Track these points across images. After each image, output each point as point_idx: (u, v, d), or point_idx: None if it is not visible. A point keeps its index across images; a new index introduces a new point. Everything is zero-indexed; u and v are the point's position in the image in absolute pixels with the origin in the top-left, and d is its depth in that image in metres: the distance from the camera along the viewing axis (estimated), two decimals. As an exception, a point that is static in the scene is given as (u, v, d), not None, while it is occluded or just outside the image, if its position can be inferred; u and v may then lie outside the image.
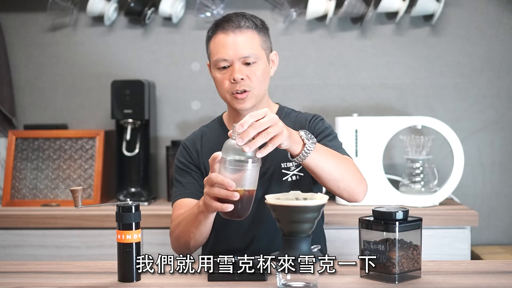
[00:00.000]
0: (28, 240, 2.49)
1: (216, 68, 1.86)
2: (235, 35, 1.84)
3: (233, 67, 1.83)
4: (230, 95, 1.85)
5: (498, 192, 2.90)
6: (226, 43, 1.84)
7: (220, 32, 1.86)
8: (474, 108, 2.89)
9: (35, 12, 2.95)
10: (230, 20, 1.87)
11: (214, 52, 1.87)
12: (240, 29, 1.85)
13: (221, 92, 1.88)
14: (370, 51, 2.90)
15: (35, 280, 1.54)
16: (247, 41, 1.84)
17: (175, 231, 1.85)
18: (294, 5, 2.88)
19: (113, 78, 2.82)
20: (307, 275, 1.40)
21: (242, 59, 1.83)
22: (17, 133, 2.80)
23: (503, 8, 2.87)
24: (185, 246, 1.84)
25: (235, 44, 1.83)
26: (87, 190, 2.72)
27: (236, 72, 1.82)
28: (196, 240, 1.81)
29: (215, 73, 1.87)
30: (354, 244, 2.35)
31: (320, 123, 1.93)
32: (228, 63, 1.84)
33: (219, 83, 1.86)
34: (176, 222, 1.85)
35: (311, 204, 1.38)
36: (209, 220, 1.72)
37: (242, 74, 1.82)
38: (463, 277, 1.52)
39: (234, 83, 1.83)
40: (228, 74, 1.84)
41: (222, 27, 1.86)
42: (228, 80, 1.84)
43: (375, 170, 2.59)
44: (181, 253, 1.89)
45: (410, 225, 1.47)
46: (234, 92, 1.84)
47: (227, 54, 1.83)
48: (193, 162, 1.94)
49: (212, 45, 1.88)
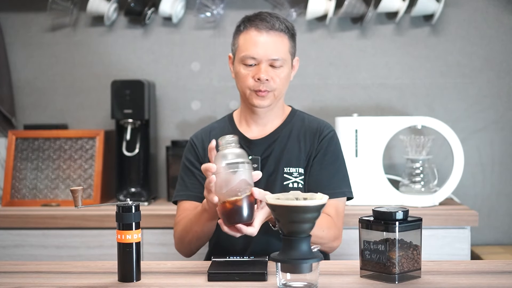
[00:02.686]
0: (28, 240, 2.49)
1: (242, 63, 1.87)
2: (268, 35, 1.85)
3: (260, 66, 1.84)
4: (250, 91, 1.86)
5: (498, 192, 2.90)
6: (258, 42, 1.84)
7: (253, 29, 1.86)
8: (474, 108, 2.89)
9: (35, 12, 2.95)
10: (265, 19, 1.86)
11: (243, 47, 1.86)
12: (274, 30, 1.86)
13: (241, 87, 1.89)
14: (370, 51, 2.90)
15: (35, 280, 1.54)
16: (277, 44, 1.85)
17: (179, 231, 1.86)
18: (294, 5, 2.88)
19: (113, 78, 2.82)
20: (307, 275, 1.40)
21: (270, 61, 1.85)
22: (17, 133, 2.80)
23: (503, 8, 2.87)
24: (188, 246, 1.85)
25: (266, 45, 1.84)
26: (87, 190, 2.72)
27: (262, 73, 1.83)
28: (199, 239, 1.81)
29: (239, 68, 1.87)
30: (354, 244, 2.35)
31: (333, 144, 1.93)
32: (255, 61, 1.85)
33: (241, 78, 1.86)
34: (181, 223, 1.86)
35: (311, 204, 1.38)
36: (213, 220, 1.73)
37: (267, 76, 1.84)
38: (463, 277, 1.52)
39: (257, 82, 1.84)
40: (253, 72, 1.85)
41: (256, 25, 1.86)
42: (252, 78, 1.85)
43: (375, 170, 2.59)
44: (184, 253, 1.89)
45: (410, 225, 1.47)
46: (256, 89, 1.85)
47: (257, 53, 1.84)
48: (199, 160, 1.94)
49: (241, 39, 1.88)
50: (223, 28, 2.92)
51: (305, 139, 1.92)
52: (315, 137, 1.92)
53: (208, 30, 2.93)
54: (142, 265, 1.56)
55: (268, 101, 1.87)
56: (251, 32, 1.86)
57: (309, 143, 1.91)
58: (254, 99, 1.87)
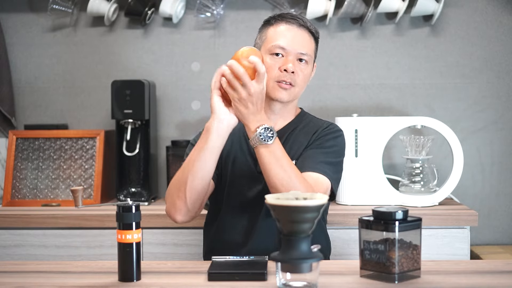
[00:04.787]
0: (28, 240, 2.49)
1: (269, 54, 1.88)
2: (298, 30, 1.89)
3: (287, 58, 1.87)
4: (274, 82, 1.87)
5: (498, 192, 2.90)
6: (288, 34, 1.88)
7: (284, 23, 1.90)
8: (473, 108, 2.90)
9: (36, 13, 2.95)
10: (296, 17, 1.91)
11: (272, 38, 1.89)
12: (304, 28, 1.90)
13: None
14: (370, 51, 2.91)
15: (35, 280, 1.55)
16: (306, 40, 1.90)
17: (172, 180, 1.79)
18: (294, 5, 2.88)
19: (113, 78, 2.83)
20: (307, 275, 1.40)
21: (298, 54, 1.88)
22: (18, 133, 2.80)
23: (503, 8, 2.87)
24: (184, 182, 1.74)
25: (296, 37, 1.88)
26: (88, 190, 2.72)
27: (289, 63, 1.86)
28: (196, 173, 1.72)
29: (265, 58, 1.87)
30: (354, 244, 2.36)
31: (329, 136, 1.91)
32: (284, 52, 1.87)
33: (267, 68, 1.85)
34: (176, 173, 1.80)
35: (311, 204, 1.38)
36: (212, 143, 1.70)
37: (294, 68, 1.86)
38: (462, 277, 1.52)
39: (283, 73, 1.86)
40: (279, 62, 1.87)
41: (287, 20, 1.90)
42: (277, 69, 1.86)
43: (375, 170, 2.59)
44: (178, 210, 1.77)
45: (409, 225, 1.48)
46: (280, 80, 1.86)
47: (287, 43, 1.87)
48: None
49: (271, 31, 1.91)
50: (223, 28, 2.93)
51: (307, 135, 1.93)
52: (316, 132, 1.92)
53: (208, 30, 2.93)
54: (142, 265, 1.56)
55: (288, 96, 1.89)
56: (282, 25, 1.90)
57: (309, 137, 1.92)
58: (277, 92, 1.87)
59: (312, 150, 1.88)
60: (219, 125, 1.71)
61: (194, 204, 1.76)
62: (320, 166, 1.82)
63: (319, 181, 1.80)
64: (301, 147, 1.90)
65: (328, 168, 1.83)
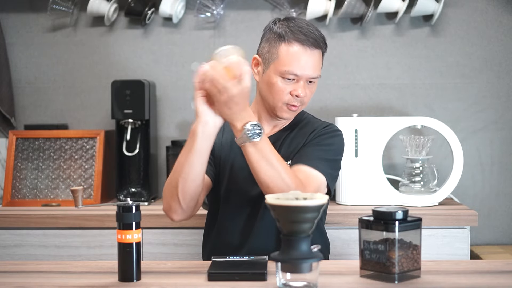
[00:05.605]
0: (28, 240, 2.49)
1: (281, 77, 1.85)
2: (311, 53, 1.85)
3: (299, 83, 1.85)
4: (283, 104, 1.87)
5: (498, 192, 2.90)
6: (301, 60, 1.84)
7: (297, 43, 1.84)
8: (473, 108, 2.90)
9: (36, 12, 2.95)
10: (306, 34, 1.85)
11: (285, 61, 1.84)
12: (316, 48, 1.86)
13: (274, 99, 1.87)
14: (370, 51, 2.91)
15: (35, 280, 1.55)
16: (317, 62, 1.87)
17: (167, 181, 1.79)
18: (294, 5, 2.88)
19: (113, 78, 2.83)
20: (307, 275, 1.40)
21: (309, 79, 1.87)
22: (18, 133, 2.81)
23: (503, 8, 2.87)
24: (175, 186, 1.74)
25: (308, 63, 1.85)
26: (88, 190, 2.72)
27: (302, 90, 1.85)
28: (186, 176, 1.71)
29: (276, 80, 1.85)
30: (354, 244, 2.36)
31: (327, 135, 1.91)
32: (296, 78, 1.85)
33: (277, 91, 1.85)
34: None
35: (311, 204, 1.38)
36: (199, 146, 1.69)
37: (304, 92, 1.86)
38: (462, 277, 1.52)
39: (293, 97, 1.86)
40: (290, 86, 1.85)
41: (300, 40, 1.84)
42: (288, 92, 1.85)
43: (374, 170, 2.59)
44: (174, 209, 1.77)
45: (409, 225, 1.48)
46: (290, 103, 1.86)
47: (300, 70, 1.84)
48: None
49: (283, 51, 1.85)
50: (223, 28, 2.93)
51: (304, 134, 1.92)
52: (314, 131, 1.92)
53: (208, 30, 2.93)
54: (142, 265, 1.56)
55: (294, 115, 1.92)
56: (295, 46, 1.84)
57: (306, 136, 1.91)
58: (285, 113, 1.88)
59: (309, 147, 1.87)
60: (205, 128, 1.68)
61: (189, 204, 1.76)
62: (315, 161, 1.81)
63: (311, 176, 1.78)
64: (298, 146, 1.90)
65: (323, 164, 1.82)
